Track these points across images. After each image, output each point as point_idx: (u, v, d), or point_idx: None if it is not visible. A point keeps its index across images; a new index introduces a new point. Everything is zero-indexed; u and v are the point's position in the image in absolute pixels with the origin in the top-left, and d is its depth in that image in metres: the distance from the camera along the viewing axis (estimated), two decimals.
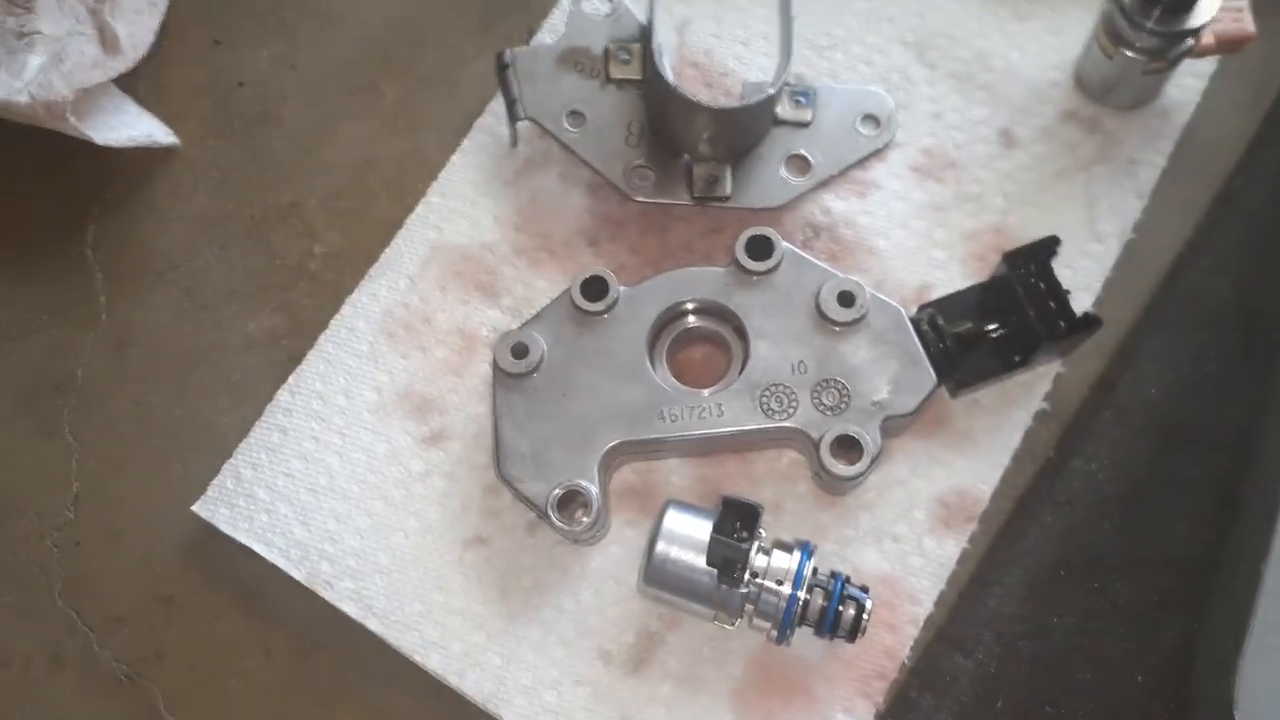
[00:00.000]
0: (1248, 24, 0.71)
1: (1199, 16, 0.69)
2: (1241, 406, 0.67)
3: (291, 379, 0.73)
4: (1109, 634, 0.63)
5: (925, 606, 0.65)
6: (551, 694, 0.65)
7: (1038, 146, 0.76)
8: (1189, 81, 0.76)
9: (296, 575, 0.68)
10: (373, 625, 0.67)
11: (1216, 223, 0.72)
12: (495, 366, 0.67)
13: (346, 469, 0.70)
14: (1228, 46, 0.71)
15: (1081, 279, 0.71)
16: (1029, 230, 0.73)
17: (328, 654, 0.68)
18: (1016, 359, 0.67)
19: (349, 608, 0.67)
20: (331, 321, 0.74)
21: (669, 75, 0.70)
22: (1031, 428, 0.69)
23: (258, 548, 0.69)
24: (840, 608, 0.60)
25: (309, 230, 0.79)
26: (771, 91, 0.71)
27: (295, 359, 0.74)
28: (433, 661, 0.66)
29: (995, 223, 0.74)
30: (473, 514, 0.69)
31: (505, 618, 0.67)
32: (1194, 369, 0.69)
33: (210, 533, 0.70)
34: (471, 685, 0.65)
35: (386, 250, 0.76)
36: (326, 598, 0.67)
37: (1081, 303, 0.69)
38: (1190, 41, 0.70)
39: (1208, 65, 0.76)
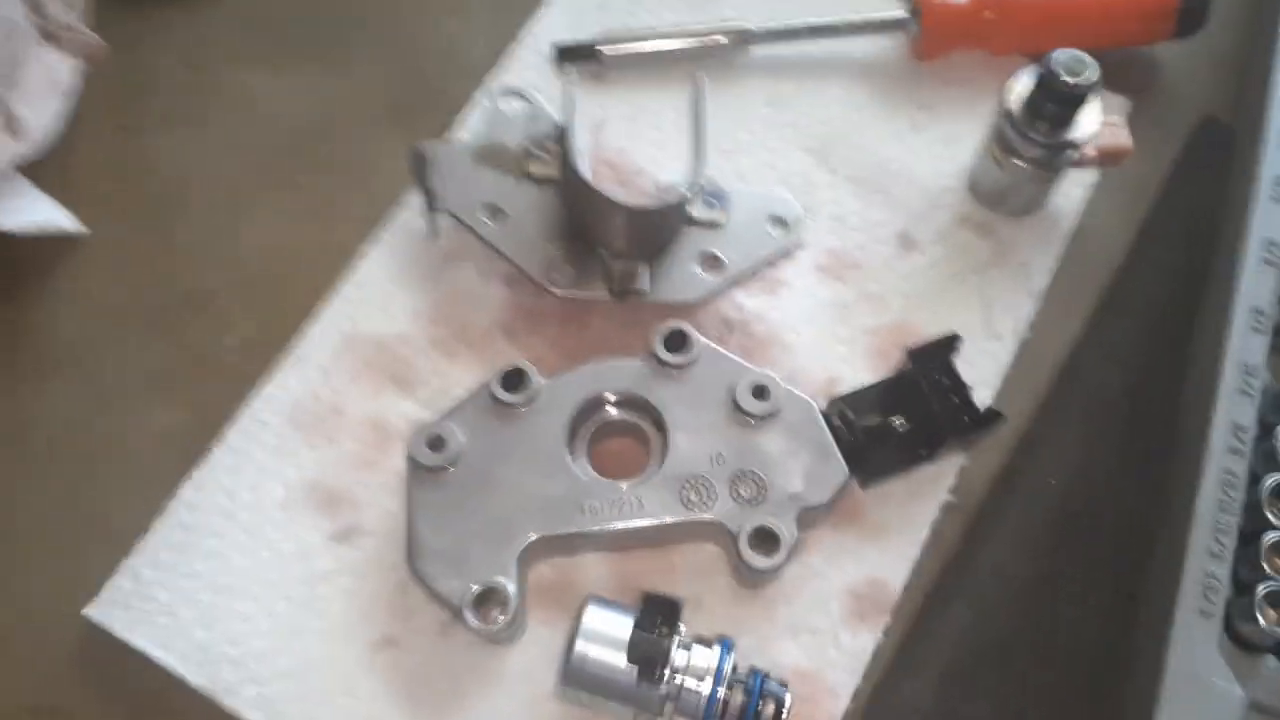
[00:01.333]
0: (1125, 139, 0.76)
1: (1082, 129, 0.74)
2: (1136, 496, 0.70)
3: (196, 474, 0.70)
4: None
5: (843, 701, 0.65)
6: None
7: (935, 249, 0.79)
8: (1075, 191, 0.81)
9: (196, 681, 0.65)
10: None
11: (1104, 320, 0.77)
12: (410, 460, 0.66)
13: (252, 568, 0.68)
14: (1108, 159, 0.77)
15: (981, 375, 0.74)
16: (929, 328, 0.76)
17: None
18: (922, 452, 0.69)
19: (253, 716, 0.64)
20: (239, 413, 0.72)
21: (585, 173, 0.72)
22: (938, 519, 0.71)
23: (155, 653, 0.65)
24: (760, 704, 0.60)
25: (219, 320, 0.77)
26: (685, 194, 0.74)
27: (201, 454, 0.71)
28: None
29: (896, 320, 0.77)
30: (382, 614, 0.67)
31: None
32: (1089, 458, 0.72)
33: (105, 638, 0.66)
34: None
35: (298, 340, 0.75)
36: (228, 705, 0.64)
37: (982, 398, 0.72)
38: (1074, 153, 0.75)
39: (1091, 176, 0.82)
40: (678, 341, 0.69)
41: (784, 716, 0.60)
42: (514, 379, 0.68)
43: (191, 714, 0.65)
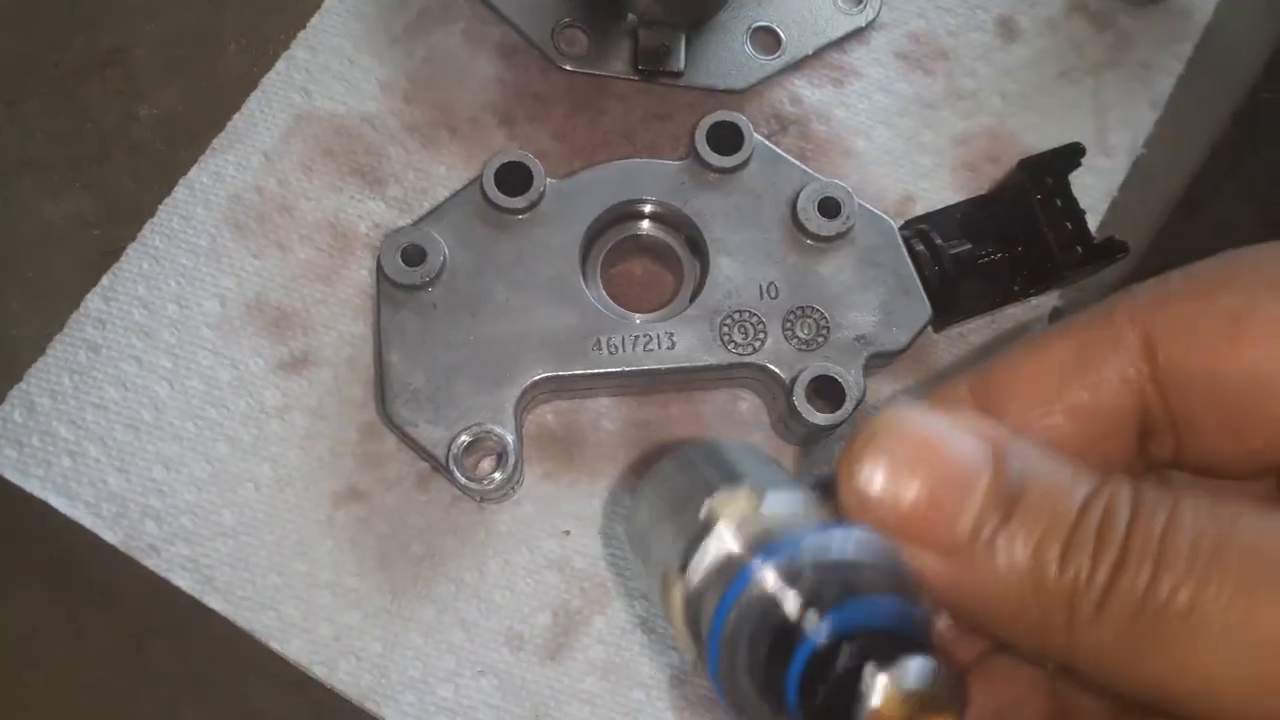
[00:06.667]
0: None
1: None
2: None
3: (106, 280, 0.56)
4: None
5: None
6: (448, 688, 0.52)
7: (1041, 41, 0.64)
8: None
9: (111, 538, 0.52)
10: (214, 602, 0.52)
11: (1239, 141, 0.62)
12: (381, 275, 0.52)
13: (179, 400, 0.54)
14: None
15: (1086, 199, 0.60)
16: (1029, 138, 0.62)
17: (162, 637, 0.53)
18: (1016, 288, 0.56)
19: (182, 580, 0.52)
20: (160, 207, 0.57)
21: None
22: None
23: (58, 502, 0.52)
24: None
25: (133, 86, 0.61)
26: None
27: (111, 254, 0.56)
28: (293, 648, 0.52)
29: (991, 126, 0.62)
30: (345, 462, 0.55)
31: (388, 593, 0.53)
32: None
33: None
34: (345, 678, 0.51)
35: (236, 117, 0.59)
36: (152, 567, 0.52)
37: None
38: None
39: None
40: (727, 137, 0.54)
41: None
42: (513, 176, 0.53)
43: (113, 576, 0.53)
